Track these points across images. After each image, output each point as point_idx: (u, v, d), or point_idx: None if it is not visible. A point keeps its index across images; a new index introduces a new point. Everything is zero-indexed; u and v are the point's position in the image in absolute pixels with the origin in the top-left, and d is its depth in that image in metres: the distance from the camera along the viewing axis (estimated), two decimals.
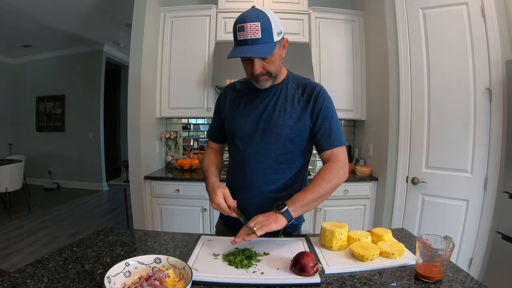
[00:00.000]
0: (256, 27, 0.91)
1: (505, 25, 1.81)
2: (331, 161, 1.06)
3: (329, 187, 1.01)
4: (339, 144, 1.08)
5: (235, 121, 1.14)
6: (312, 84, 1.13)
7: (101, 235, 1.07)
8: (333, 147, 1.07)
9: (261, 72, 1.01)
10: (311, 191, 0.99)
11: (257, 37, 0.92)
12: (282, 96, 1.11)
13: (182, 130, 3.06)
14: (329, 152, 1.08)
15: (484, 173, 1.92)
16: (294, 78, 1.15)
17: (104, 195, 5.31)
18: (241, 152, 1.13)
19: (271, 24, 0.93)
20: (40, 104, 5.80)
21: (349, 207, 2.46)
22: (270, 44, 0.94)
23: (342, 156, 1.08)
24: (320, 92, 1.10)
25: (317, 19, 2.64)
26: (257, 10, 0.95)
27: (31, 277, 0.76)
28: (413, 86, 2.15)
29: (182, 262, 0.74)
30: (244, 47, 0.94)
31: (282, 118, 1.08)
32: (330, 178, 1.02)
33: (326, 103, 1.09)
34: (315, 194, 0.99)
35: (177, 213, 2.42)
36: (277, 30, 0.96)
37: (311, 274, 0.76)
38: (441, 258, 0.75)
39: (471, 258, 1.99)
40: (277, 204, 0.96)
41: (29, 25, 4.18)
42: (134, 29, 2.37)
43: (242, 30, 0.92)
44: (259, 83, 1.06)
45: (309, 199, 0.98)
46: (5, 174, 3.86)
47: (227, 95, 1.21)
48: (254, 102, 1.12)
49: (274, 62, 1.01)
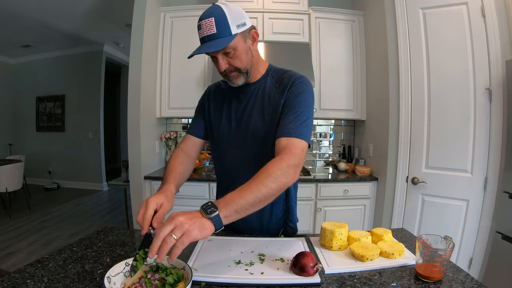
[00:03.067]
0: (210, 23, 0.88)
1: (505, 25, 1.81)
2: (284, 154, 0.86)
3: (275, 187, 0.80)
4: (298, 135, 0.91)
5: (217, 122, 1.11)
6: (290, 74, 1.04)
7: (101, 235, 1.07)
8: (290, 136, 0.90)
9: (227, 68, 0.96)
10: (252, 191, 0.76)
11: (212, 32, 0.88)
12: (260, 93, 1.05)
13: (182, 130, 3.06)
14: (285, 141, 0.90)
15: (484, 173, 1.92)
16: (274, 72, 1.08)
17: (104, 195, 5.31)
18: (224, 154, 1.11)
19: (226, 17, 0.89)
20: (40, 104, 5.80)
21: (349, 207, 2.46)
22: (227, 38, 0.89)
23: (297, 151, 0.88)
24: (297, 80, 1.01)
25: (317, 19, 2.64)
26: (213, 6, 0.92)
27: (31, 277, 0.76)
28: (413, 86, 2.15)
29: (182, 262, 0.74)
30: (203, 45, 0.91)
31: (260, 118, 1.03)
32: (278, 175, 0.80)
33: (298, 93, 0.98)
34: (257, 195, 0.77)
35: None
36: (236, 22, 0.91)
37: (311, 274, 0.76)
38: (441, 258, 0.75)
39: (471, 258, 1.99)
40: (206, 205, 0.73)
41: (29, 25, 4.17)
42: (134, 29, 2.37)
43: (200, 28, 0.91)
44: (230, 81, 1.00)
45: (248, 202, 0.75)
46: (5, 174, 3.86)
47: (211, 95, 1.17)
48: (235, 102, 1.09)
49: (240, 57, 0.95)
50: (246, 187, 0.78)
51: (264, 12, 2.59)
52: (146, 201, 0.79)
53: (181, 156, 1.10)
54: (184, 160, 1.09)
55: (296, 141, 0.90)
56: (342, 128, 3.06)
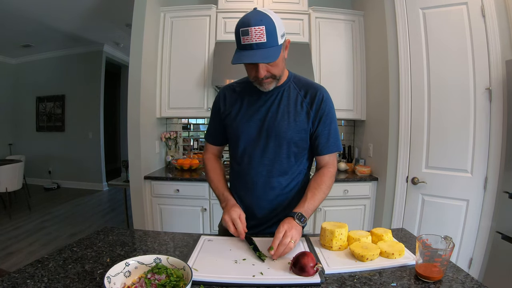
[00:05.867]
0: (261, 31, 0.89)
1: (505, 25, 1.81)
2: (330, 167, 1.13)
3: (328, 192, 1.09)
4: (337, 149, 1.13)
5: (238, 124, 1.12)
6: (315, 87, 1.12)
7: (101, 235, 1.07)
8: (331, 152, 1.13)
9: (265, 75, 0.99)
10: (318, 199, 1.05)
11: (263, 41, 0.90)
12: (284, 98, 1.10)
13: (182, 130, 3.06)
14: (327, 157, 1.13)
15: (484, 173, 1.92)
16: (296, 79, 1.14)
17: (104, 195, 5.31)
18: (245, 155, 1.12)
19: (275, 27, 0.91)
20: (40, 104, 5.80)
21: (349, 207, 2.46)
22: (276, 48, 0.93)
23: (336, 163, 1.17)
24: (324, 96, 1.10)
25: (317, 19, 2.64)
26: (260, 13, 0.92)
27: (31, 277, 0.76)
28: (413, 85, 2.15)
29: (182, 262, 0.74)
30: (250, 51, 0.92)
31: (285, 121, 1.07)
32: (330, 184, 1.10)
33: (329, 109, 1.11)
34: (320, 200, 1.06)
35: (177, 213, 2.42)
36: (280, 32, 0.94)
37: (311, 274, 0.76)
38: (441, 258, 0.75)
39: (471, 258, 1.99)
40: (298, 216, 0.98)
41: (29, 25, 4.17)
42: (134, 29, 2.36)
43: (247, 34, 0.90)
44: (262, 86, 1.04)
45: (316, 206, 1.05)
46: (5, 174, 3.86)
47: (227, 98, 1.17)
48: (257, 105, 1.11)
49: (278, 65, 1.00)
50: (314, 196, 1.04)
51: None
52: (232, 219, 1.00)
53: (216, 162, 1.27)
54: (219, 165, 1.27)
55: (334, 155, 1.15)
56: (342, 128, 3.06)
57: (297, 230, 0.94)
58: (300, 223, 0.96)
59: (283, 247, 0.87)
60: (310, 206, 1.01)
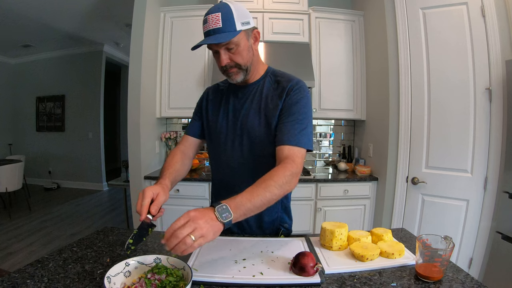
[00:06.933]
0: (216, 17, 0.92)
1: (505, 25, 1.81)
2: (287, 163, 0.90)
3: (278, 193, 0.84)
4: (299, 143, 0.94)
5: (214, 121, 1.13)
6: (289, 78, 1.06)
7: (101, 235, 1.07)
8: (291, 144, 0.94)
9: (228, 63, 0.98)
10: (259, 195, 0.80)
11: (218, 26, 0.92)
12: (258, 94, 1.07)
13: (182, 130, 3.06)
14: (287, 149, 0.94)
15: (484, 173, 1.92)
16: (273, 74, 1.10)
17: (104, 195, 5.31)
18: (220, 153, 1.12)
19: (232, 13, 0.93)
20: (40, 104, 5.80)
21: (349, 207, 2.46)
22: (231, 33, 0.93)
23: (299, 160, 0.93)
24: (296, 86, 1.02)
25: (317, 19, 2.64)
26: (220, 3, 0.95)
27: (31, 277, 0.76)
28: (413, 86, 2.15)
29: (182, 262, 0.74)
30: (207, 38, 0.95)
31: (257, 118, 1.04)
32: (282, 183, 0.85)
33: (298, 99, 1.00)
34: (263, 200, 0.80)
35: (177, 213, 2.38)
36: (241, 20, 0.94)
37: (311, 274, 0.76)
38: (441, 258, 0.75)
39: (471, 258, 1.99)
40: (221, 208, 0.73)
41: (29, 25, 4.17)
42: (134, 29, 2.37)
43: (206, 22, 0.94)
44: (230, 77, 1.02)
45: (255, 206, 0.79)
46: (5, 174, 3.86)
47: (209, 95, 1.19)
48: (233, 101, 1.11)
49: (241, 53, 0.98)
50: (253, 191, 0.81)
51: (264, 12, 2.59)
52: (143, 191, 0.85)
53: (178, 155, 1.14)
54: (180, 158, 1.13)
55: (297, 150, 0.94)
56: (342, 128, 3.06)
57: (209, 225, 0.69)
58: (220, 218, 0.72)
59: (175, 240, 0.66)
60: (244, 201, 0.77)
